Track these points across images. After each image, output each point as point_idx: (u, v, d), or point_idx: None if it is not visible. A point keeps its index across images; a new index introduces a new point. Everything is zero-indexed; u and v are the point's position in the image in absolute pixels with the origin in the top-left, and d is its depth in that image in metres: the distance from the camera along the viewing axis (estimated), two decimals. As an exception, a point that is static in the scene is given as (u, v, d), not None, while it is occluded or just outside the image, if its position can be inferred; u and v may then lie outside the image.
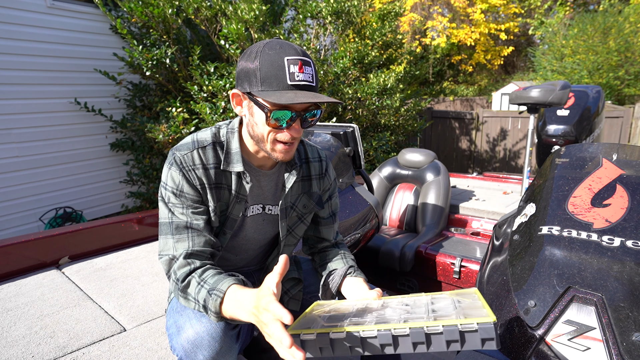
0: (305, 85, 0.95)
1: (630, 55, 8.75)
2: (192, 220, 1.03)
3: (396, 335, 0.84)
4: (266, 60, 0.95)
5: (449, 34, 13.86)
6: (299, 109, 0.98)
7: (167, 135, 3.72)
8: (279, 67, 0.94)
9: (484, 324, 0.81)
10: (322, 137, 2.40)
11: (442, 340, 0.82)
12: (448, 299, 1.03)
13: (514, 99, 2.78)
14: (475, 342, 0.82)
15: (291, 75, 0.94)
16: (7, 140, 3.78)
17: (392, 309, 0.98)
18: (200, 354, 0.93)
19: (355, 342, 0.85)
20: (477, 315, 0.86)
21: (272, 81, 0.94)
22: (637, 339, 0.98)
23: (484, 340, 0.81)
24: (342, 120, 4.76)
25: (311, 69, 0.97)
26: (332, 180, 1.30)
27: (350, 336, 0.85)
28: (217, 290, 0.92)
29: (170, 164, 1.04)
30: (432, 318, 0.87)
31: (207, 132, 1.10)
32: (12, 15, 3.68)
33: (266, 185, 1.16)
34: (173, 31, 3.98)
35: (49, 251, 1.98)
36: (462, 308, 0.92)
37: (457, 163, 8.01)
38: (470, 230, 2.92)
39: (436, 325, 0.83)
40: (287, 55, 0.94)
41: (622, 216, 1.22)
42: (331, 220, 1.32)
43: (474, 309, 0.91)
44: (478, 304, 0.95)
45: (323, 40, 4.80)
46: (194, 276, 0.97)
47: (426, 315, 0.90)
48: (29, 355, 1.29)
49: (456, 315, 0.87)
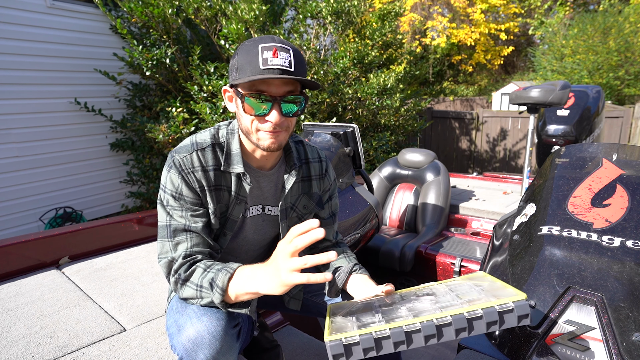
0: (279, 69, 0.94)
1: (630, 55, 8.75)
2: (190, 223, 1.03)
3: (439, 325, 0.84)
4: (243, 51, 0.98)
5: (449, 34, 13.86)
6: (275, 94, 0.98)
7: (167, 135, 3.72)
8: (253, 55, 0.95)
9: (518, 301, 0.84)
10: (322, 137, 2.40)
11: (483, 324, 0.84)
12: (464, 284, 1.03)
13: (514, 99, 2.78)
14: (512, 320, 0.83)
15: (264, 60, 0.95)
16: (7, 140, 3.78)
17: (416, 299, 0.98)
18: (201, 352, 0.93)
19: (400, 337, 0.84)
20: (507, 295, 0.87)
21: (246, 68, 0.96)
22: (637, 339, 0.98)
23: (520, 317, 0.83)
24: (342, 120, 4.76)
25: (288, 55, 0.96)
26: (332, 181, 1.30)
27: (395, 332, 0.84)
28: (228, 267, 0.94)
29: (169, 167, 1.04)
30: (467, 303, 0.87)
31: (206, 133, 1.10)
32: (12, 15, 3.68)
33: (266, 186, 1.16)
34: (173, 31, 3.98)
35: (49, 251, 1.98)
36: (486, 291, 0.93)
37: (457, 163, 8.00)
38: (470, 230, 2.92)
39: (475, 310, 0.84)
40: (262, 43, 0.96)
41: (622, 216, 1.22)
42: (331, 220, 1.33)
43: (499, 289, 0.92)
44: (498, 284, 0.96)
45: (323, 40, 4.80)
46: (199, 265, 0.99)
47: (457, 301, 0.90)
48: (29, 355, 1.29)
49: (486, 298, 0.88)
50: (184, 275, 0.98)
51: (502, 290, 0.90)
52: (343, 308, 1.06)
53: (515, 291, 0.87)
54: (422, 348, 2.07)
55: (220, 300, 0.94)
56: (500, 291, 0.90)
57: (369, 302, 1.04)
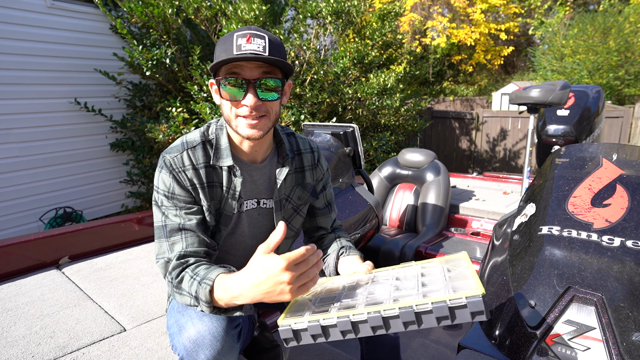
0: (252, 53, 0.96)
1: (630, 55, 8.75)
2: (185, 221, 1.03)
3: (386, 317, 0.83)
4: (220, 41, 1.02)
5: (449, 34, 13.86)
6: (249, 77, 0.99)
7: (167, 135, 3.72)
8: (228, 43, 0.98)
9: (472, 297, 0.80)
10: (322, 137, 2.40)
11: (432, 318, 0.81)
12: (438, 267, 1.02)
13: (514, 99, 2.78)
14: (465, 316, 0.80)
15: (237, 47, 0.97)
16: (7, 140, 3.78)
17: (382, 284, 0.98)
18: (201, 353, 0.93)
19: (347, 326, 0.84)
20: (466, 287, 0.85)
21: (221, 56, 0.98)
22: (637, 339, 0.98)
23: (474, 314, 0.80)
24: (342, 120, 4.76)
25: (263, 41, 0.98)
26: (324, 170, 1.32)
27: (341, 322, 0.84)
28: (207, 279, 0.93)
29: (160, 168, 1.05)
30: (422, 294, 0.86)
31: (196, 132, 1.11)
32: (12, 15, 3.68)
33: (259, 179, 1.16)
34: (173, 31, 3.98)
35: (49, 251, 1.98)
36: (451, 279, 0.91)
37: (457, 163, 8.00)
38: (470, 230, 2.92)
39: (425, 303, 0.81)
40: (237, 32, 0.99)
41: (622, 216, 1.22)
42: (327, 210, 1.34)
43: (463, 279, 0.90)
44: (467, 272, 0.93)
45: (323, 40, 4.80)
46: (187, 271, 0.98)
47: (416, 290, 0.90)
48: (29, 355, 1.29)
49: (445, 289, 0.86)
50: (175, 282, 0.99)
51: (464, 281, 0.88)
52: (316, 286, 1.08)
53: (475, 284, 0.84)
54: (421, 348, 2.07)
55: (211, 311, 0.94)
56: (462, 282, 0.88)
57: (342, 281, 1.06)
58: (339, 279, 1.10)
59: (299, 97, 4.21)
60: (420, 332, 2.22)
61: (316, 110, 4.38)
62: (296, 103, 4.16)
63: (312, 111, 4.33)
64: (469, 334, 1.27)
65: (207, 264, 1.00)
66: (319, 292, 1.03)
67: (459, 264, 1.01)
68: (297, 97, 4.22)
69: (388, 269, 1.10)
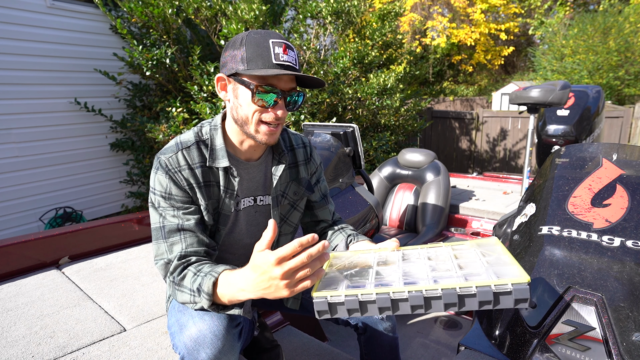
0: (288, 66, 0.99)
1: (630, 55, 8.75)
2: (183, 221, 1.03)
3: (428, 297, 0.82)
4: (252, 43, 0.99)
5: (449, 34, 13.86)
6: (285, 88, 1.01)
7: (167, 135, 3.72)
8: (264, 48, 0.97)
9: (518, 284, 0.79)
10: (322, 137, 2.40)
11: (475, 302, 0.80)
12: (470, 250, 1.01)
13: (514, 99, 2.78)
14: (509, 302, 0.80)
15: (276, 55, 0.97)
16: (7, 140, 3.78)
17: (415, 263, 0.97)
18: (202, 352, 0.93)
19: (386, 303, 0.83)
20: (509, 274, 0.84)
21: (257, 60, 0.97)
22: (637, 339, 0.98)
23: (518, 300, 0.79)
24: (342, 120, 4.76)
25: (294, 53, 1.01)
26: (318, 164, 1.33)
27: (381, 298, 0.83)
28: (213, 271, 0.93)
29: (156, 169, 1.05)
30: (463, 277, 0.85)
31: (190, 132, 1.11)
32: (12, 15, 3.68)
33: (255, 176, 1.17)
34: (173, 31, 3.98)
35: (49, 251, 1.98)
36: (490, 264, 0.90)
37: (457, 163, 8.00)
38: (470, 230, 2.92)
39: (469, 287, 0.80)
40: (272, 38, 0.99)
41: (622, 216, 1.22)
42: (324, 202, 1.35)
43: (503, 265, 0.88)
44: (505, 259, 0.92)
45: (323, 40, 4.80)
46: (190, 269, 0.98)
47: (454, 271, 0.88)
48: (29, 355, 1.29)
49: (487, 274, 0.85)
50: (177, 280, 0.98)
51: (506, 267, 0.87)
52: (341, 259, 1.06)
53: (519, 271, 0.83)
54: (421, 348, 2.07)
55: (210, 305, 0.93)
56: (504, 268, 0.87)
57: (370, 257, 1.04)
58: (365, 254, 1.07)
59: (299, 97, 4.21)
60: (421, 332, 2.22)
61: (316, 110, 4.38)
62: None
63: (312, 111, 4.33)
64: (469, 334, 1.27)
65: (209, 262, 1.00)
66: (347, 265, 1.01)
67: (494, 249, 1.00)
68: (297, 97, 4.21)
69: (417, 247, 1.08)
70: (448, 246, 1.06)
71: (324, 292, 0.86)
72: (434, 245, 1.08)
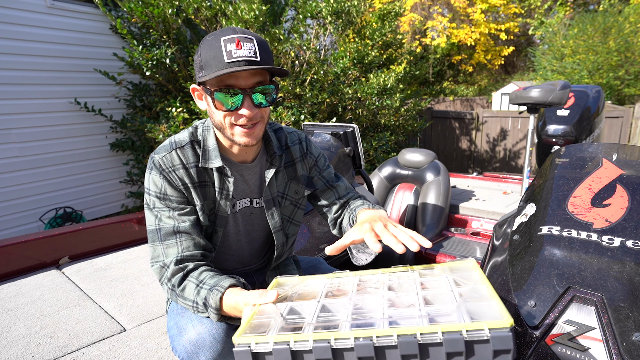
0: (244, 61, 0.92)
1: (630, 55, 8.75)
2: (179, 223, 1.01)
3: (380, 347, 0.64)
4: (205, 46, 0.95)
5: (449, 34, 13.86)
6: (247, 85, 0.96)
7: (167, 135, 3.72)
8: (216, 49, 0.92)
9: (498, 330, 0.61)
10: (322, 137, 2.40)
11: (442, 352, 0.62)
12: (441, 276, 0.85)
13: (514, 99, 2.78)
14: (486, 354, 0.61)
15: (228, 53, 0.91)
16: (7, 140, 3.78)
17: (371, 295, 0.80)
18: (202, 354, 0.93)
19: (325, 354, 0.65)
20: (486, 313, 0.67)
21: (211, 64, 0.93)
22: (637, 339, 0.98)
23: (498, 352, 0.61)
24: (342, 120, 4.76)
25: (252, 44, 0.93)
26: (316, 156, 1.27)
27: (319, 347, 0.64)
28: (219, 286, 0.91)
29: (150, 169, 1.03)
30: (426, 317, 0.68)
31: (184, 132, 1.10)
32: (12, 15, 3.68)
33: (250, 178, 1.15)
34: (173, 31, 3.98)
35: (49, 251, 1.98)
36: (463, 299, 0.73)
37: (457, 163, 8.00)
38: (470, 230, 2.92)
39: (433, 332, 0.62)
40: (224, 36, 0.93)
41: (622, 216, 1.22)
42: (334, 181, 1.28)
43: (480, 300, 0.71)
44: (482, 291, 0.75)
45: (323, 40, 4.80)
46: (190, 279, 0.96)
47: (418, 308, 0.71)
48: (29, 355, 1.29)
49: (458, 313, 0.68)
50: (177, 290, 0.97)
51: (483, 304, 0.69)
52: (285, 287, 0.90)
53: (500, 310, 0.65)
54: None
55: (218, 319, 0.93)
56: (480, 304, 0.69)
57: (320, 284, 0.89)
58: (316, 281, 0.92)
59: (299, 97, 4.21)
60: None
61: (316, 110, 4.38)
62: (296, 103, 4.16)
63: (312, 111, 4.33)
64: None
65: (209, 270, 0.99)
66: (291, 296, 0.85)
67: (469, 276, 0.84)
68: (297, 97, 4.22)
69: (377, 273, 0.91)
70: (415, 271, 0.90)
71: (247, 336, 0.68)
72: (397, 270, 0.92)
